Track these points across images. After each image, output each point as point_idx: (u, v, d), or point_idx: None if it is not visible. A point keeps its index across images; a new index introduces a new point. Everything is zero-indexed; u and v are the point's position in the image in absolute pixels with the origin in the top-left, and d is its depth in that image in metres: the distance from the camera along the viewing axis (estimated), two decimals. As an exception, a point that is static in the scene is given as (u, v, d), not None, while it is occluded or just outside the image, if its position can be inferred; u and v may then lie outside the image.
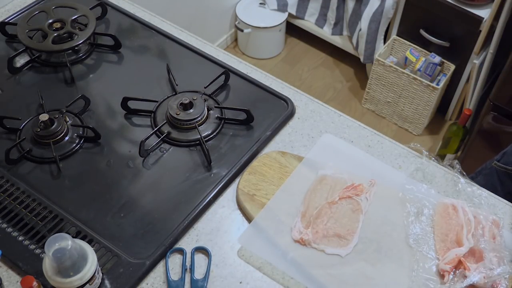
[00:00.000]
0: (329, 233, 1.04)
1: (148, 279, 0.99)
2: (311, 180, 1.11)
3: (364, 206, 1.07)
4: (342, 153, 1.17)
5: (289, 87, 1.30)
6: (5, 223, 1.02)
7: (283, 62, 2.90)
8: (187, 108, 1.18)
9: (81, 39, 1.32)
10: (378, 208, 1.07)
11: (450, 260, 0.97)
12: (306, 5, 2.80)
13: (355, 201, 1.08)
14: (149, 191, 1.10)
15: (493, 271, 0.95)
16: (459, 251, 0.98)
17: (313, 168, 1.13)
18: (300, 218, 1.05)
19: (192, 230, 1.05)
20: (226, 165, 1.14)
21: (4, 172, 1.10)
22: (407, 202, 1.08)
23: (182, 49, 1.37)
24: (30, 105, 1.23)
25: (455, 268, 0.97)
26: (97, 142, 1.17)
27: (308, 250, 1.02)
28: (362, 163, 1.15)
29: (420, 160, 1.17)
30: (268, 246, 1.02)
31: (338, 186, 1.10)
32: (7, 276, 0.98)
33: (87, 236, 1.01)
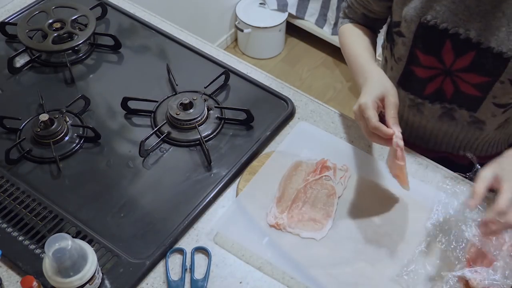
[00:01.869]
0: (304, 218, 1.05)
1: (148, 279, 0.99)
2: (287, 167, 1.13)
3: (339, 191, 1.09)
4: (317, 139, 1.19)
5: (289, 87, 1.30)
6: (5, 223, 1.02)
7: (283, 62, 2.90)
8: (187, 108, 1.18)
9: (81, 39, 1.32)
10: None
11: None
12: (306, 5, 2.80)
13: (330, 186, 1.10)
14: (149, 191, 1.10)
15: (493, 277, 0.93)
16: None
17: (289, 155, 1.15)
18: (275, 204, 1.07)
19: (192, 230, 1.05)
20: (226, 165, 1.14)
21: (4, 172, 1.10)
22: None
23: (182, 49, 1.37)
24: (30, 105, 1.23)
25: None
26: (97, 142, 1.17)
27: (283, 234, 1.03)
28: (337, 149, 1.17)
29: (420, 160, 1.17)
30: (244, 231, 1.03)
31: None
32: (7, 276, 0.98)
33: (87, 236, 1.01)
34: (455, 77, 1.06)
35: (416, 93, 1.14)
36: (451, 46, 1.02)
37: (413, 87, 1.14)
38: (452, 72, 1.05)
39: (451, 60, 1.04)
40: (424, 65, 1.08)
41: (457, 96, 1.09)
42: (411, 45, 1.07)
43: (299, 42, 2.99)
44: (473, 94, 1.07)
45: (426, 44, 1.05)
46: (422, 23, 1.02)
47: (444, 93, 1.10)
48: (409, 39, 1.06)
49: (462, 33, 0.99)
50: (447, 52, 1.03)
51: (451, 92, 1.09)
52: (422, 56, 1.06)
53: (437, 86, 1.10)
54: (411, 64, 1.10)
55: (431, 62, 1.06)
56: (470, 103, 1.09)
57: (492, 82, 1.03)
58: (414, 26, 1.04)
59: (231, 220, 1.05)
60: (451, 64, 1.04)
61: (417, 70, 1.10)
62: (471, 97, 1.08)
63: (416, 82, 1.12)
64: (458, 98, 1.10)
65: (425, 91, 1.12)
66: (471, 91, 1.06)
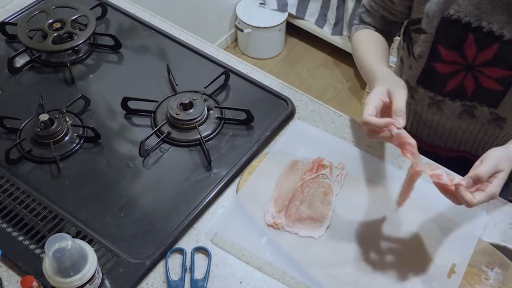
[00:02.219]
0: (302, 216, 1.05)
1: (148, 279, 0.99)
2: (283, 166, 1.13)
3: (336, 189, 1.09)
4: (312, 138, 1.19)
5: (289, 87, 1.30)
6: (5, 223, 1.02)
7: (283, 62, 2.90)
8: (187, 108, 1.18)
9: (81, 39, 1.32)
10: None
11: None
12: (306, 5, 2.80)
13: (326, 184, 1.10)
14: (149, 191, 1.10)
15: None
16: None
17: (285, 154, 1.15)
18: (272, 203, 1.07)
19: (192, 230, 1.05)
20: (226, 165, 1.14)
21: (4, 172, 1.10)
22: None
23: (182, 49, 1.37)
24: (30, 105, 1.23)
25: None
26: (97, 142, 1.17)
27: (281, 233, 1.03)
28: (333, 147, 1.17)
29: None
30: (242, 231, 1.04)
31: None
32: (7, 276, 0.98)
33: (87, 236, 1.01)
34: (476, 72, 1.06)
35: (436, 90, 1.14)
36: (474, 39, 1.02)
37: (433, 84, 1.14)
38: (474, 67, 1.05)
39: (474, 54, 1.04)
40: (446, 60, 1.07)
41: (478, 92, 1.09)
42: (433, 41, 1.07)
43: (299, 42, 2.99)
44: (495, 89, 1.07)
45: (448, 38, 1.05)
46: (444, 18, 1.02)
47: (465, 89, 1.10)
48: (431, 35, 1.06)
49: (485, 26, 0.99)
50: (469, 45, 1.03)
51: (472, 89, 1.09)
52: (444, 51, 1.06)
53: (458, 83, 1.09)
54: (432, 61, 1.10)
55: (453, 56, 1.06)
56: (491, 99, 1.09)
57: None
58: (436, 21, 1.04)
59: (229, 220, 1.05)
60: (473, 58, 1.04)
61: (438, 66, 1.10)
62: (493, 92, 1.07)
63: (437, 79, 1.12)
64: (479, 95, 1.09)
65: (446, 87, 1.12)
66: (493, 86, 1.06)
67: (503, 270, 0.99)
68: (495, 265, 1.00)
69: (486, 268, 0.99)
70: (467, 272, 0.99)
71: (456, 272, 0.98)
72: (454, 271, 0.98)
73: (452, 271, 0.98)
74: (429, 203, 1.08)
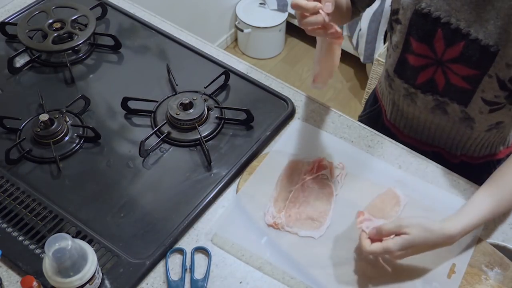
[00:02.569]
0: (302, 216, 1.05)
1: (148, 279, 0.99)
2: (283, 166, 1.13)
3: (336, 189, 1.09)
4: (312, 138, 1.19)
5: (289, 87, 1.30)
6: (5, 223, 1.02)
7: (283, 62, 2.90)
8: (187, 108, 1.18)
9: (81, 39, 1.32)
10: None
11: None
12: (306, 5, 2.80)
13: (326, 184, 1.10)
14: (149, 191, 1.10)
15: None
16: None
17: (285, 154, 1.15)
18: (272, 203, 1.07)
19: (192, 230, 1.05)
20: (226, 165, 1.14)
21: (4, 172, 1.10)
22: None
23: (182, 49, 1.37)
24: (30, 105, 1.23)
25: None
26: (97, 142, 1.17)
27: (281, 233, 1.04)
28: (333, 147, 1.17)
29: (419, 160, 1.17)
30: (242, 231, 1.04)
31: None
32: (7, 276, 0.98)
33: (87, 236, 1.01)
34: (445, 68, 1.07)
35: (409, 81, 1.15)
36: (442, 35, 1.03)
37: (406, 75, 1.15)
38: (443, 62, 1.07)
39: (442, 49, 1.05)
40: (417, 53, 1.09)
41: (448, 89, 1.10)
42: (406, 32, 1.08)
43: (299, 42, 2.99)
44: (463, 87, 1.08)
45: (419, 31, 1.06)
46: (416, 10, 1.04)
47: (436, 84, 1.11)
48: (405, 26, 1.08)
49: (453, 22, 1.01)
50: (438, 40, 1.04)
51: (443, 84, 1.10)
52: (415, 43, 1.08)
53: (429, 76, 1.11)
54: (406, 52, 1.11)
55: (424, 50, 1.08)
56: (461, 97, 1.10)
57: (480, 76, 1.04)
58: (409, 13, 1.05)
59: (229, 220, 1.05)
60: (442, 53, 1.05)
61: (410, 58, 1.11)
62: (461, 90, 1.09)
63: (409, 71, 1.14)
64: (449, 91, 1.10)
65: (417, 80, 1.13)
66: (461, 83, 1.07)
67: (503, 270, 0.99)
68: (495, 265, 1.00)
69: (486, 268, 0.99)
70: (467, 272, 0.99)
71: (456, 272, 0.98)
72: (454, 271, 0.98)
73: (452, 271, 0.98)
74: (429, 203, 1.08)
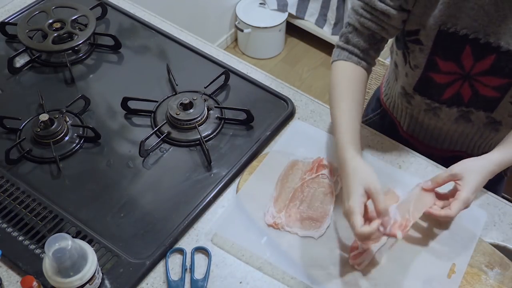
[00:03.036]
0: (302, 217, 1.06)
1: (148, 279, 0.99)
2: (283, 166, 1.13)
3: (336, 189, 1.09)
4: (312, 138, 1.19)
5: (289, 87, 1.30)
6: (5, 223, 1.02)
7: (283, 62, 2.90)
8: (187, 108, 1.18)
9: (81, 39, 1.32)
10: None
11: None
12: (306, 5, 2.80)
13: (326, 184, 1.10)
14: (149, 191, 1.10)
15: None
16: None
17: (285, 154, 1.15)
18: (273, 203, 1.07)
19: (192, 230, 1.05)
20: (226, 165, 1.14)
21: (4, 172, 1.10)
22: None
23: (182, 49, 1.37)
24: (30, 105, 1.23)
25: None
26: (97, 142, 1.17)
27: (281, 233, 1.04)
28: (333, 147, 1.17)
29: (419, 160, 1.17)
30: (242, 231, 1.04)
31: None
32: (7, 276, 0.98)
33: (87, 236, 1.01)
34: (473, 81, 1.06)
35: (433, 98, 1.14)
36: (471, 51, 1.02)
37: (430, 92, 1.14)
38: (471, 76, 1.06)
39: (471, 64, 1.04)
40: (444, 71, 1.07)
41: (475, 100, 1.10)
42: (429, 53, 1.06)
43: (299, 42, 2.99)
44: (492, 96, 1.07)
45: (445, 50, 1.05)
46: (441, 31, 1.02)
47: (461, 97, 1.10)
48: (428, 47, 1.05)
49: (482, 37, 0.99)
50: (467, 57, 1.03)
51: (469, 96, 1.09)
52: (442, 62, 1.06)
53: (455, 91, 1.10)
54: (430, 71, 1.09)
55: (451, 67, 1.06)
56: (488, 104, 1.10)
57: (511, 82, 1.03)
58: (433, 34, 1.03)
59: (229, 220, 1.05)
60: (470, 68, 1.04)
61: (435, 76, 1.09)
62: (489, 99, 1.08)
63: (434, 88, 1.12)
64: (475, 102, 1.10)
65: (443, 96, 1.12)
66: (490, 93, 1.07)
67: (503, 270, 0.99)
68: (495, 265, 1.00)
69: (486, 268, 0.99)
70: (467, 272, 0.99)
71: (456, 272, 0.98)
72: (454, 271, 0.98)
73: (452, 271, 0.98)
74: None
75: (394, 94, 1.26)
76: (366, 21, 1.06)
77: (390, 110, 1.30)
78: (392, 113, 1.30)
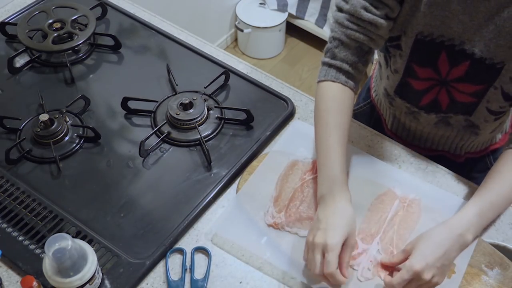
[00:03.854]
0: (302, 217, 1.05)
1: (148, 279, 0.99)
2: (283, 166, 1.13)
3: None
4: (312, 138, 1.18)
5: (289, 87, 1.30)
6: (5, 223, 1.02)
7: (283, 62, 2.90)
8: (187, 108, 1.18)
9: (81, 39, 1.32)
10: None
11: None
12: (306, 5, 2.80)
13: None
14: (149, 191, 1.10)
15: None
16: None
17: (285, 154, 1.15)
18: (273, 203, 1.07)
19: (192, 230, 1.05)
20: (226, 165, 1.14)
21: (4, 172, 1.10)
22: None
23: (182, 49, 1.37)
24: (30, 105, 1.23)
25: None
26: (97, 142, 1.17)
27: (281, 233, 1.03)
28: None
29: (419, 160, 1.17)
30: (242, 231, 1.04)
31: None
32: (7, 276, 0.98)
33: (87, 236, 1.01)
34: (450, 88, 1.07)
35: (411, 102, 1.16)
36: (447, 56, 1.03)
37: (409, 97, 1.15)
38: (448, 82, 1.07)
39: (446, 69, 1.05)
40: (421, 77, 1.09)
41: (452, 106, 1.11)
42: (407, 59, 1.07)
43: (299, 42, 2.99)
44: (468, 101, 1.09)
45: (422, 57, 1.06)
46: (418, 39, 1.03)
47: (439, 104, 1.12)
48: (406, 54, 1.06)
49: (457, 44, 1.01)
50: (443, 62, 1.04)
51: (446, 103, 1.11)
52: (419, 69, 1.08)
53: (433, 97, 1.11)
54: (408, 77, 1.11)
55: (427, 73, 1.07)
56: (465, 109, 1.12)
57: (486, 88, 1.05)
58: (411, 42, 1.04)
59: (229, 220, 1.05)
60: (446, 73, 1.06)
61: (413, 83, 1.11)
62: (466, 104, 1.10)
63: (412, 93, 1.14)
64: (453, 108, 1.12)
65: (421, 102, 1.14)
66: (467, 99, 1.09)
67: (503, 270, 0.99)
68: (495, 265, 1.00)
69: (486, 268, 0.99)
70: (467, 272, 0.99)
71: (456, 272, 0.98)
72: (454, 271, 0.98)
73: (452, 271, 0.98)
74: (429, 203, 1.08)
75: (379, 92, 1.27)
76: (353, 33, 1.03)
77: (378, 106, 1.32)
78: (379, 109, 1.32)
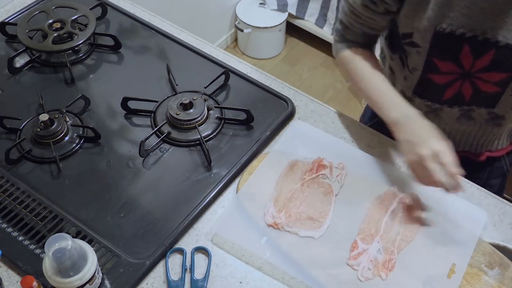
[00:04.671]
0: (302, 217, 1.05)
1: (148, 279, 0.99)
2: (283, 166, 1.13)
3: (336, 189, 1.09)
4: (312, 138, 1.19)
5: (289, 87, 1.30)
6: (5, 223, 1.02)
7: (283, 62, 2.90)
8: (187, 108, 1.18)
9: (81, 39, 1.32)
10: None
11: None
12: (306, 5, 2.80)
13: (326, 184, 1.10)
14: (149, 191, 1.10)
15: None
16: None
17: (285, 154, 1.15)
18: (273, 203, 1.07)
19: (192, 230, 1.05)
20: (226, 165, 1.14)
21: (4, 172, 1.10)
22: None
23: (182, 49, 1.37)
24: (30, 105, 1.23)
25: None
26: (97, 142, 1.17)
27: (281, 233, 1.03)
28: (333, 147, 1.17)
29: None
30: (242, 231, 1.04)
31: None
32: (7, 276, 0.98)
33: (87, 236, 1.01)
34: (474, 79, 1.06)
35: (433, 99, 1.14)
36: (469, 49, 1.02)
37: (430, 94, 1.14)
38: (472, 74, 1.05)
39: (470, 62, 1.04)
40: (442, 71, 1.07)
41: (476, 97, 1.10)
42: (427, 54, 1.06)
43: (299, 42, 2.99)
44: (493, 91, 1.07)
45: (443, 51, 1.04)
46: (437, 32, 1.01)
47: (462, 96, 1.10)
48: (425, 49, 1.05)
49: (479, 35, 0.99)
50: (465, 55, 1.03)
51: (470, 94, 1.09)
52: (440, 63, 1.06)
53: (456, 91, 1.10)
54: (428, 72, 1.10)
55: (449, 67, 1.06)
56: (489, 100, 1.10)
57: (511, 76, 1.04)
58: (429, 36, 1.03)
59: (229, 220, 1.05)
60: (470, 66, 1.04)
61: (434, 77, 1.09)
62: (490, 94, 1.08)
63: (434, 89, 1.12)
64: (477, 99, 1.10)
65: (444, 96, 1.12)
66: (492, 89, 1.07)
67: (503, 270, 0.99)
68: (495, 265, 1.00)
69: (486, 268, 0.99)
70: (467, 272, 0.99)
71: (456, 272, 0.98)
72: (454, 271, 0.98)
73: (452, 271, 0.98)
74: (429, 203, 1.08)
75: None
76: (355, 23, 1.12)
77: None
78: None
